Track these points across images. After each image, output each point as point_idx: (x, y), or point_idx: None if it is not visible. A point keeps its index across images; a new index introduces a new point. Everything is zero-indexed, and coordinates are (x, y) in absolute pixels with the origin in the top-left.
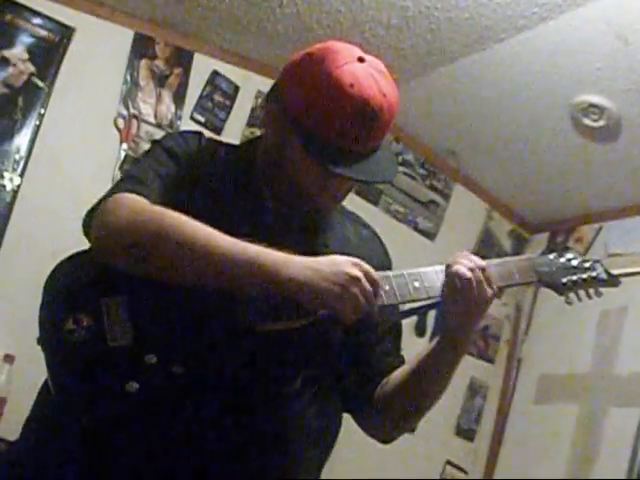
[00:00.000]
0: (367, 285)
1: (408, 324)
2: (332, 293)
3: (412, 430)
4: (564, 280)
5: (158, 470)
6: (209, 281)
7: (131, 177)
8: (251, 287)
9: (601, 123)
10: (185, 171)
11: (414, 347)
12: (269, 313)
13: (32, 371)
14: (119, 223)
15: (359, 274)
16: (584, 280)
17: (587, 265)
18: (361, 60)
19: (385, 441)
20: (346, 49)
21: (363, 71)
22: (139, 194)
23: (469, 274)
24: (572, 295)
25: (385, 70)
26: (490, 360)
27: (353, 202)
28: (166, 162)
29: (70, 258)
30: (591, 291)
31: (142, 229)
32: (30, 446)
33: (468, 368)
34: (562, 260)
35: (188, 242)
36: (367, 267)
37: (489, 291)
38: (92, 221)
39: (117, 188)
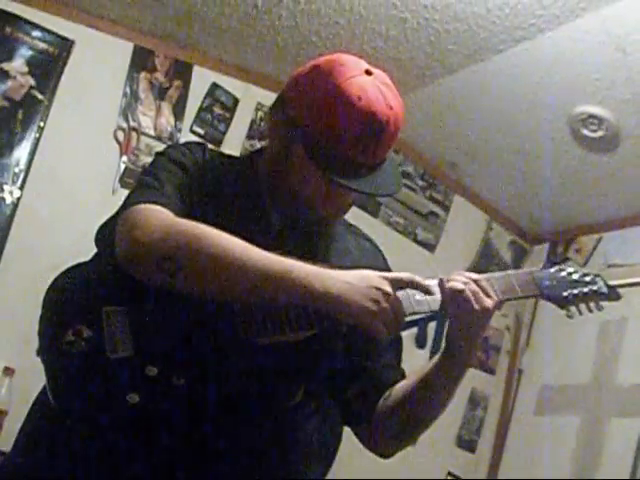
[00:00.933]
0: (396, 300)
1: (408, 336)
2: (366, 308)
3: (413, 443)
4: (565, 294)
5: None
6: (243, 294)
7: (149, 187)
8: (285, 300)
9: (600, 134)
10: (193, 182)
11: (414, 359)
12: (270, 325)
13: (32, 384)
14: (151, 236)
15: (390, 289)
16: (585, 294)
17: (588, 279)
18: (368, 73)
19: (386, 456)
20: (353, 62)
21: (370, 84)
22: (163, 206)
23: (462, 286)
24: (573, 309)
25: (391, 83)
26: (491, 371)
27: (353, 213)
28: (177, 173)
29: (69, 270)
30: (592, 305)
31: (175, 242)
32: (28, 458)
33: (469, 379)
34: (563, 274)
35: (222, 255)
36: (394, 276)
37: (487, 301)
38: (107, 234)
39: (135, 199)
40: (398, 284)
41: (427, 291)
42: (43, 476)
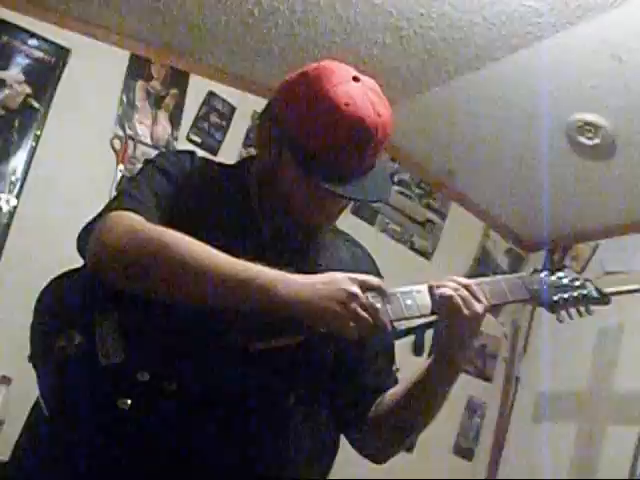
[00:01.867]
0: (365, 300)
1: (406, 343)
2: (331, 311)
3: (410, 449)
4: (555, 298)
5: None
6: (208, 300)
7: (127, 195)
8: (250, 306)
9: (596, 141)
10: (179, 190)
11: (412, 366)
12: (262, 331)
13: (29, 393)
14: (117, 241)
15: (356, 290)
16: (575, 298)
17: (578, 283)
18: (356, 80)
19: (379, 461)
20: (341, 69)
21: (358, 91)
22: (136, 212)
23: (451, 292)
24: (563, 313)
25: (379, 90)
26: (488, 379)
27: (349, 221)
28: (161, 181)
29: (61, 276)
30: (582, 309)
31: (140, 248)
32: (23, 465)
33: (466, 387)
34: (553, 278)
35: (187, 261)
36: (362, 278)
37: (477, 306)
38: (88, 239)
39: (112, 206)
40: (366, 285)
41: (387, 298)
42: None
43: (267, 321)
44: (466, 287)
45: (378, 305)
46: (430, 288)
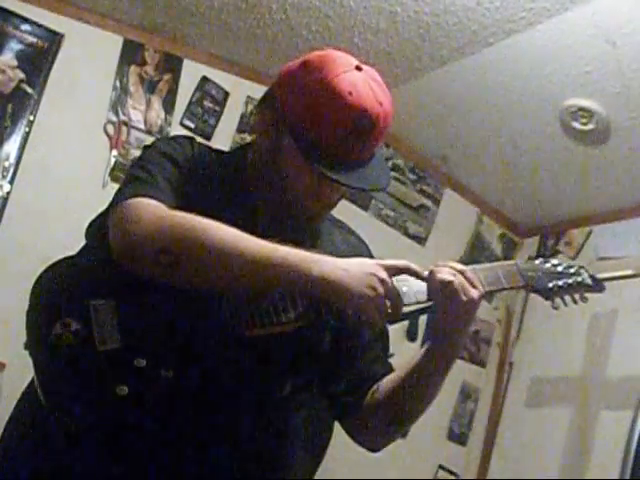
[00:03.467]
0: (393, 288)
1: (399, 329)
2: (362, 295)
3: (404, 435)
4: (550, 285)
5: (148, 473)
6: (241, 283)
7: (140, 181)
8: (283, 286)
9: (590, 126)
10: (182, 177)
11: (406, 352)
12: (258, 318)
13: (23, 378)
14: (145, 230)
15: (386, 276)
16: (570, 285)
17: (572, 270)
18: (359, 69)
19: (374, 449)
20: (344, 58)
21: (361, 80)
22: (155, 198)
23: (450, 277)
24: (558, 300)
25: (381, 79)
26: (482, 364)
27: (343, 207)
28: (168, 166)
29: (56, 263)
30: (577, 296)
31: (170, 235)
32: (15, 452)
33: (460, 372)
34: (548, 265)
35: (218, 245)
36: (391, 263)
37: (474, 292)
38: (102, 229)
39: (127, 193)
40: (394, 271)
41: (423, 278)
42: (31, 470)
43: (264, 308)
44: (462, 273)
45: (404, 289)
46: (430, 273)
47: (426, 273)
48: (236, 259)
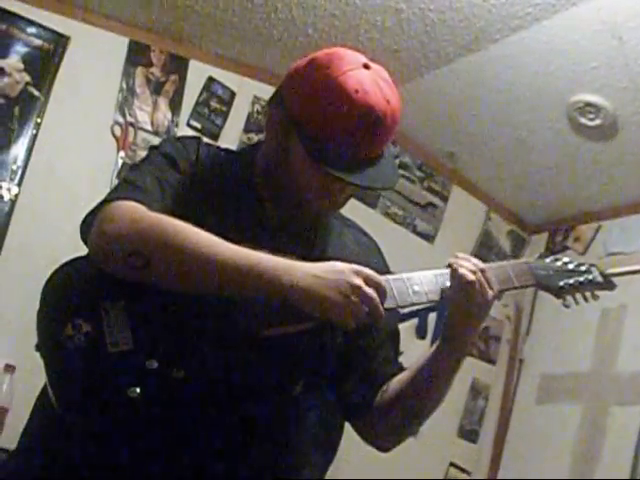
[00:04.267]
0: (369, 291)
1: (409, 327)
2: (333, 301)
3: (414, 435)
4: (561, 283)
5: (160, 474)
6: (210, 288)
7: (129, 183)
8: (253, 294)
9: (597, 122)
10: (184, 177)
11: (415, 349)
12: (270, 317)
13: (33, 381)
14: (119, 231)
15: (359, 282)
16: (581, 283)
17: (583, 268)
18: (366, 67)
19: (384, 449)
20: (351, 55)
21: (368, 78)
22: (138, 201)
23: (472, 277)
24: (569, 298)
25: (389, 77)
26: (491, 361)
27: (351, 205)
28: (165, 168)
29: (68, 264)
30: (587, 294)
31: (142, 237)
32: (30, 455)
33: (470, 369)
34: (559, 264)
35: (189, 249)
36: (367, 272)
37: (490, 293)
38: (90, 228)
39: (115, 194)
40: (369, 279)
41: (382, 295)
42: (46, 473)
43: (275, 308)
44: (482, 272)
45: (416, 288)
46: (452, 269)
47: (440, 271)
48: (206, 264)
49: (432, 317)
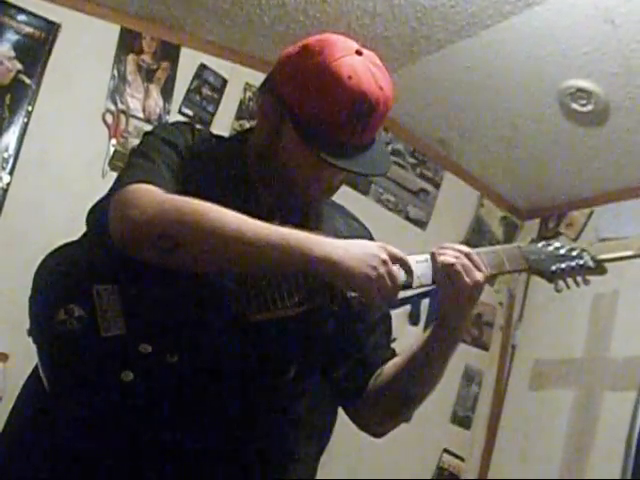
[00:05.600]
0: (395, 268)
1: (401, 313)
2: (363, 274)
3: (407, 420)
4: (553, 268)
5: (154, 459)
6: (242, 265)
7: (138, 167)
8: (284, 267)
9: (589, 107)
10: (183, 162)
11: (408, 336)
12: (262, 302)
13: (26, 369)
14: (144, 215)
15: (387, 257)
16: (572, 268)
17: (575, 253)
18: (359, 53)
19: (378, 435)
20: (343, 42)
21: (361, 64)
22: (155, 184)
23: (453, 260)
24: (561, 283)
25: (381, 64)
26: (484, 347)
27: (343, 192)
28: (167, 151)
29: (58, 250)
30: (579, 279)
31: (171, 218)
32: (20, 439)
33: (462, 356)
34: (550, 248)
35: (219, 227)
36: (393, 249)
37: (478, 274)
38: (103, 216)
39: (126, 179)
40: (392, 256)
41: (408, 271)
42: (37, 456)
43: (269, 292)
44: (467, 255)
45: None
46: (432, 255)
47: (424, 256)
48: (236, 242)
49: (425, 304)
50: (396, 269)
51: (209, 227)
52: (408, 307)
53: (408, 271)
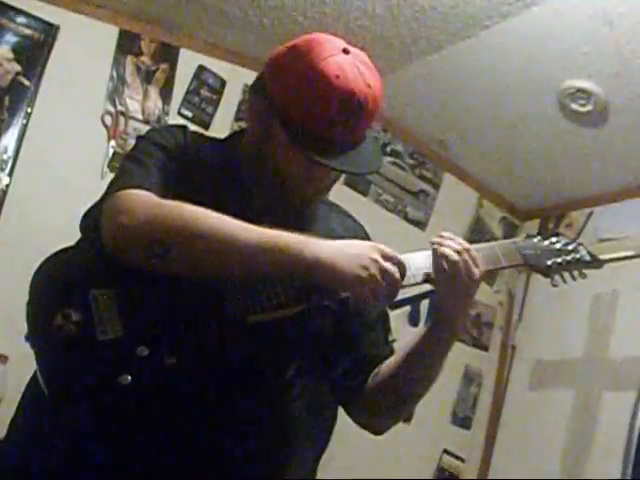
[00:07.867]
0: (389, 266)
1: (402, 314)
2: (355, 275)
3: (408, 420)
4: (549, 262)
5: (152, 462)
6: (233, 269)
7: (130, 172)
8: (275, 271)
9: (589, 108)
10: (175, 165)
11: (408, 337)
12: (259, 303)
13: (25, 371)
14: (135, 221)
15: (379, 257)
16: (568, 262)
17: (571, 247)
18: (346, 52)
19: (377, 432)
20: (331, 41)
21: (348, 63)
22: (145, 189)
23: (457, 257)
24: (557, 277)
25: (369, 62)
26: (484, 348)
27: (342, 193)
28: (159, 156)
29: (55, 254)
30: (575, 273)
31: (162, 224)
32: (21, 444)
33: (462, 356)
34: (546, 243)
35: (209, 232)
36: (385, 249)
37: (476, 271)
38: (95, 221)
39: (119, 185)
40: (385, 255)
41: (402, 274)
42: (37, 462)
43: (265, 293)
44: (468, 252)
45: (396, 270)
46: (434, 250)
47: (418, 254)
48: (228, 246)
49: (425, 304)
50: (390, 268)
51: (200, 232)
52: (408, 308)
53: (402, 270)
